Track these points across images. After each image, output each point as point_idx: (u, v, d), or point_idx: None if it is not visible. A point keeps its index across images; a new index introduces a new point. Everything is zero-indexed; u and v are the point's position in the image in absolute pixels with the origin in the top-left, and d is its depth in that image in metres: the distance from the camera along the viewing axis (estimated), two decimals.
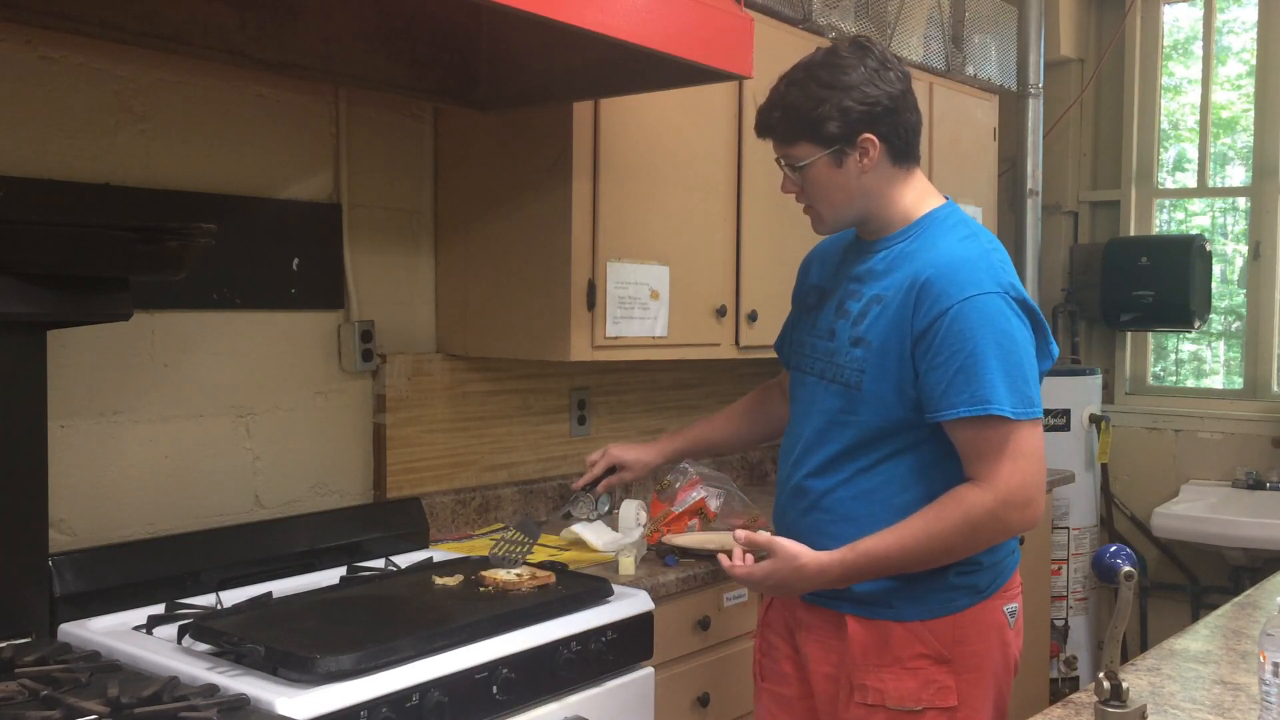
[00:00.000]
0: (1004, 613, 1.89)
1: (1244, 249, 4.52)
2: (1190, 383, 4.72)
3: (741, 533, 1.86)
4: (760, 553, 1.84)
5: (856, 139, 1.82)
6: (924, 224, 1.87)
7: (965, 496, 1.75)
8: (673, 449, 2.30)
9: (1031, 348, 1.80)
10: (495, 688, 1.84)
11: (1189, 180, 4.68)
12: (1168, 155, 4.75)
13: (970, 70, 3.79)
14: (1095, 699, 1.45)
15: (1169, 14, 4.67)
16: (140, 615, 1.94)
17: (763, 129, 1.90)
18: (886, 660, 1.83)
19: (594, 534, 2.58)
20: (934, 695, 1.81)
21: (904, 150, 1.87)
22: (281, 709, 1.57)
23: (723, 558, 1.88)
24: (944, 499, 1.76)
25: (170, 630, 1.85)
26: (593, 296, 2.54)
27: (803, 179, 1.87)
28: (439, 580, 2.16)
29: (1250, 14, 4.49)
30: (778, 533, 1.98)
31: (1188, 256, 4.32)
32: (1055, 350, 1.86)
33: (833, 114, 1.80)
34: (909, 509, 1.79)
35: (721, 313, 2.88)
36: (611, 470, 2.27)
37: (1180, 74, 4.73)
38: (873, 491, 1.84)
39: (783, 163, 1.90)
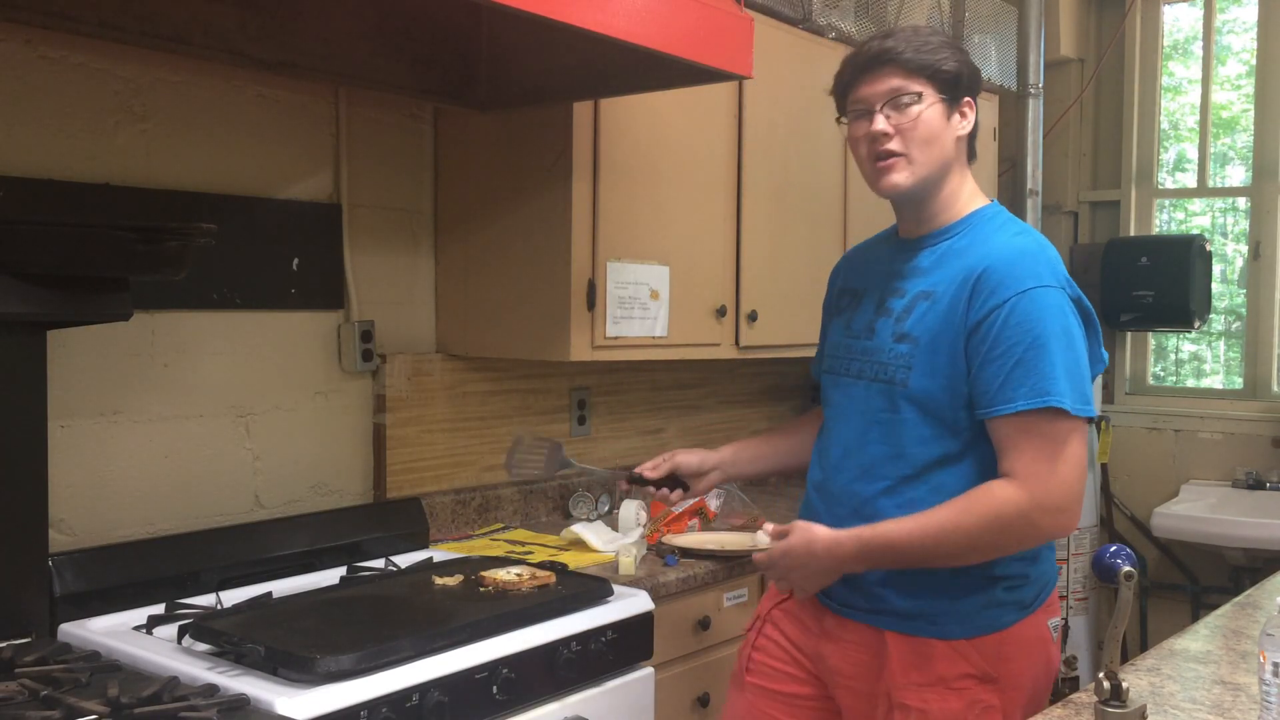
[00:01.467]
0: (1048, 627, 1.83)
1: (1244, 249, 4.52)
2: (1190, 383, 4.72)
3: (770, 525, 1.81)
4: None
5: (962, 98, 1.81)
6: (973, 220, 1.83)
7: (998, 492, 1.66)
8: (734, 474, 2.14)
9: (1085, 346, 1.73)
10: (495, 688, 1.84)
11: (1189, 180, 4.68)
12: (1168, 155, 4.75)
13: None
14: (1095, 699, 1.45)
15: (1169, 14, 4.67)
16: (140, 615, 1.94)
17: (880, 57, 1.78)
18: (930, 679, 1.75)
19: (594, 534, 2.58)
20: (979, 715, 1.74)
21: (973, 139, 1.87)
22: (281, 709, 1.57)
23: (757, 556, 1.85)
24: (975, 492, 1.68)
25: (170, 630, 1.85)
26: (593, 296, 2.54)
27: (908, 120, 1.77)
28: (439, 580, 2.16)
29: (1250, 14, 4.49)
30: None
31: (1188, 256, 4.32)
32: (1105, 357, 1.80)
33: (959, 65, 1.80)
34: None
35: (721, 313, 2.88)
36: (674, 481, 2.09)
37: (1180, 74, 4.73)
38: (919, 501, 1.74)
39: (882, 103, 1.78)
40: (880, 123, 1.78)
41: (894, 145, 1.78)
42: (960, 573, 1.75)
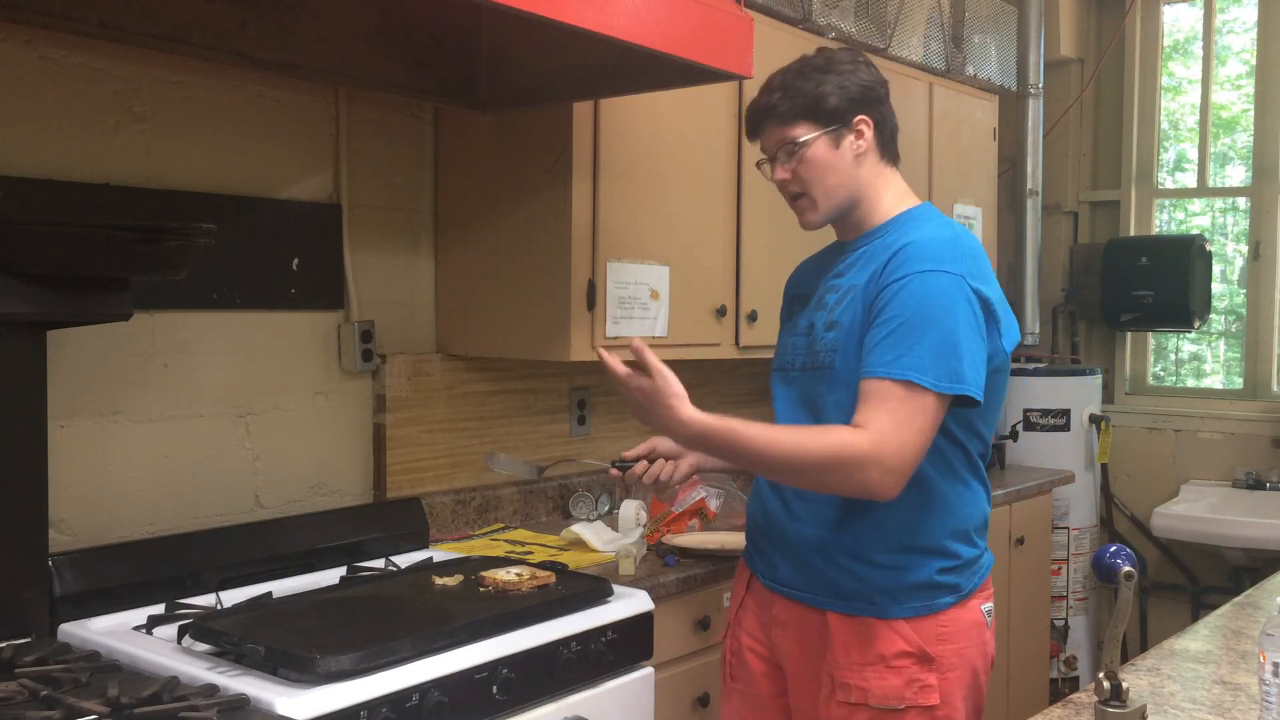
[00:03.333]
0: (982, 612, 1.90)
1: (1244, 249, 4.52)
2: (1190, 383, 4.73)
3: (637, 341, 1.83)
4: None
5: (852, 119, 1.88)
6: (901, 219, 1.92)
7: (845, 434, 1.74)
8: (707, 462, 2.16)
9: (974, 328, 1.78)
10: (495, 688, 1.84)
11: (1189, 180, 4.69)
12: (1168, 155, 4.75)
13: (970, 70, 3.79)
14: (1095, 699, 1.45)
15: (1169, 14, 4.67)
16: (140, 615, 1.94)
17: (761, 114, 1.92)
18: (870, 658, 1.83)
19: (594, 534, 2.58)
20: (916, 694, 1.81)
21: (889, 144, 1.94)
22: (281, 709, 1.57)
23: (610, 359, 1.81)
24: (828, 427, 1.79)
25: (170, 630, 1.85)
26: (593, 296, 2.54)
27: (799, 162, 1.89)
28: (439, 580, 2.16)
29: (1250, 14, 4.49)
30: (751, 510, 2.01)
31: (1188, 256, 4.32)
32: (1010, 341, 1.85)
33: (832, 91, 1.87)
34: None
35: (721, 313, 2.88)
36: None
37: (1180, 74, 4.73)
38: None
39: (776, 153, 1.92)
40: (779, 172, 1.93)
41: (795, 188, 1.93)
42: (897, 549, 1.84)
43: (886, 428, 1.72)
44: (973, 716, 1.89)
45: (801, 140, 1.88)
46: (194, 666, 1.70)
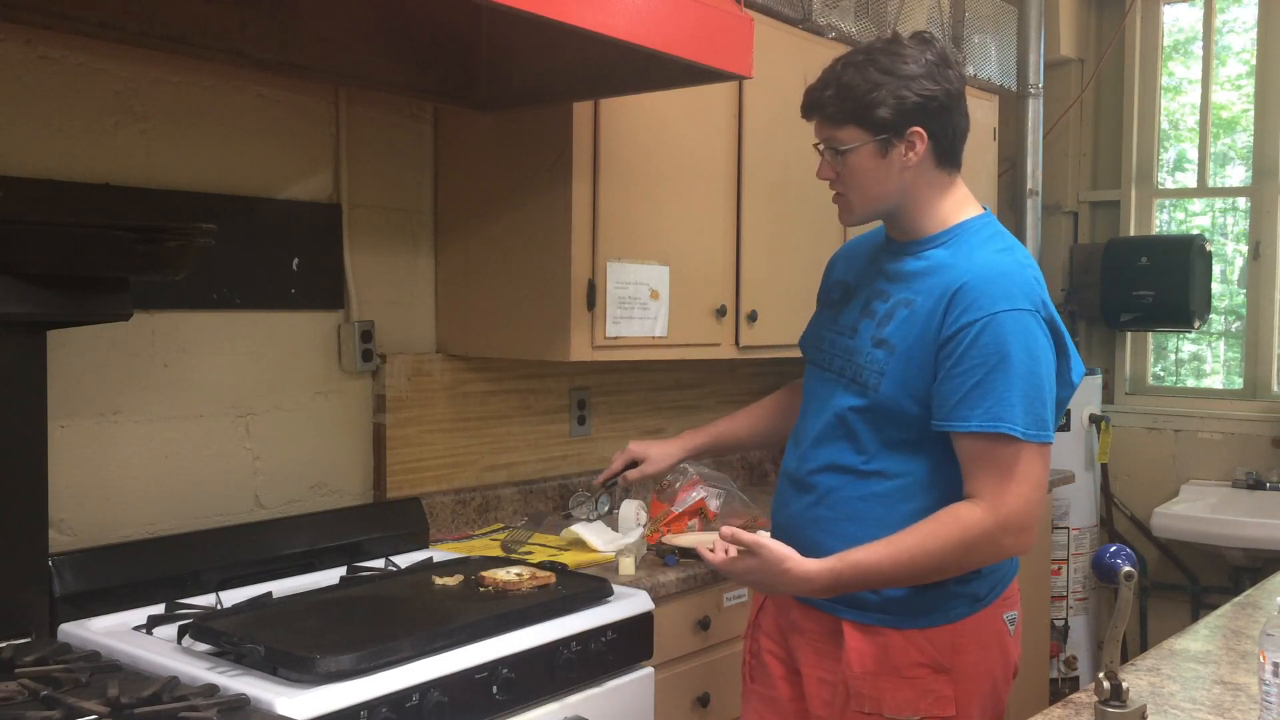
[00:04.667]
0: (1004, 620, 1.86)
1: (1244, 249, 4.52)
2: (1190, 383, 4.72)
3: (727, 529, 1.81)
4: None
5: (906, 131, 1.78)
6: (959, 231, 1.84)
7: (963, 516, 1.71)
8: (695, 444, 2.22)
9: (1053, 370, 1.76)
10: (495, 688, 1.84)
11: (1189, 180, 4.68)
12: (1168, 155, 4.75)
13: (970, 70, 3.79)
14: (1095, 699, 1.45)
15: (1169, 14, 4.67)
16: (140, 615, 1.94)
17: (812, 107, 1.84)
18: (885, 669, 1.80)
19: (594, 534, 2.58)
20: (931, 705, 1.78)
21: (950, 153, 1.84)
22: (281, 709, 1.57)
23: (702, 549, 1.83)
24: (941, 515, 1.72)
25: (170, 630, 1.85)
26: (593, 296, 2.54)
27: (842, 165, 1.82)
28: (439, 580, 2.16)
29: (1250, 14, 4.49)
30: (776, 523, 1.96)
31: (1188, 256, 4.32)
32: (1078, 375, 1.82)
33: (887, 100, 1.76)
34: (915, 517, 1.74)
35: (721, 313, 2.88)
36: (632, 465, 2.21)
37: (1180, 74, 4.73)
38: (882, 495, 1.81)
39: (822, 147, 1.84)
40: (823, 169, 1.87)
41: (837, 187, 1.87)
42: None
43: (1000, 491, 1.69)
44: None
45: (845, 147, 1.80)
46: (194, 666, 1.70)
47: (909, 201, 1.84)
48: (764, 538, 1.77)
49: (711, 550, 1.79)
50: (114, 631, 1.89)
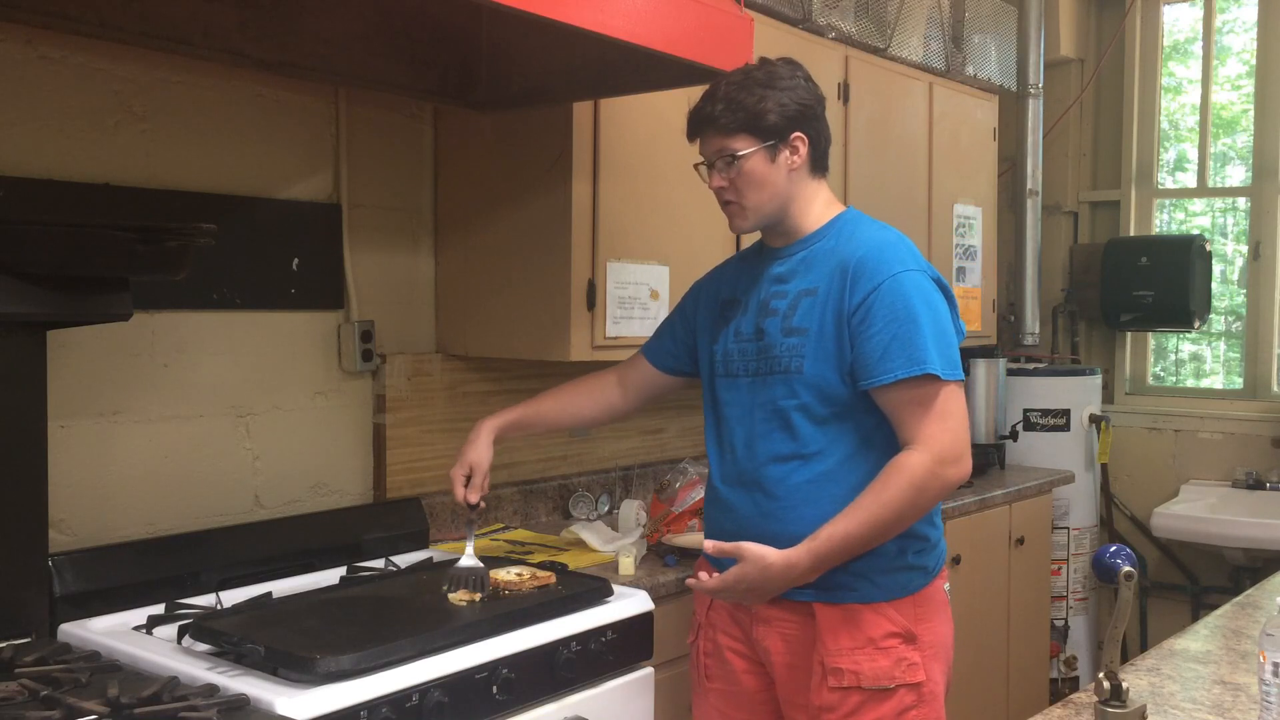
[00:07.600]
0: (944, 591, 2.02)
1: (1244, 249, 4.52)
2: (1190, 383, 4.73)
3: (710, 543, 1.92)
4: (728, 562, 1.90)
5: (790, 135, 1.96)
6: (836, 224, 2.02)
7: (905, 464, 1.85)
8: (502, 424, 2.21)
9: (950, 321, 1.94)
10: (495, 688, 1.84)
11: (1189, 180, 4.69)
12: (1168, 155, 4.75)
13: (970, 70, 3.79)
14: (1095, 699, 1.45)
15: (1169, 14, 4.67)
16: (140, 615, 1.94)
17: (702, 123, 1.98)
18: (860, 642, 1.91)
19: (594, 534, 2.58)
20: (905, 672, 1.90)
21: (821, 158, 2.03)
22: (281, 709, 1.57)
23: (690, 580, 1.95)
24: (886, 470, 1.86)
25: (170, 630, 1.85)
26: (593, 296, 2.54)
27: (736, 173, 1.96)
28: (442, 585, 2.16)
29: (1250, 14, 4.49)
30: (725, 532, 2.01)
31: (1188, 256, 4.32)
32: (962, 331, 1.99)
33: (773, 108, 1.94)
34: (862, 483, 1.87)
35: None
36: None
37: (1180, 74, 4.73)
38: (828, 473, 1.93)
39: (714, 160, 1.98)
40: (716, 179, 2.00)
41: (730, 196, 2.00)
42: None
43: (933, 429, 1.85)
44: (946, 690, 1.99)
45: (740, 154, 1.95)
46: (194, 666, 1.70)
47: (791, 205, 2.01)
48: (742, 542, 1.88)
49: (696, 579, 1.93)
50: (114, 631, 1.89)
